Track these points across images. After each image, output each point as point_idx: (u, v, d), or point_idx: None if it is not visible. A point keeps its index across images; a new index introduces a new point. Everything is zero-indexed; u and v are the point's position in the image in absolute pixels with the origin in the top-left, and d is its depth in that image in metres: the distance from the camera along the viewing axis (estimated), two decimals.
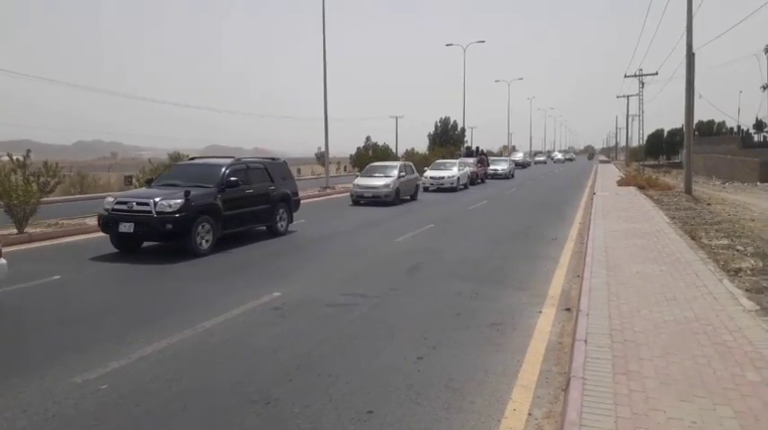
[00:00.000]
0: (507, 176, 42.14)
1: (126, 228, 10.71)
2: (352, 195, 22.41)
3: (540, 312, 7.02)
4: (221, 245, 11.85)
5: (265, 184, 13.40)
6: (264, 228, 13.56)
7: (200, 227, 10.96)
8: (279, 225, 13.70)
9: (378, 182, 22.11)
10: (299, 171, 53.74)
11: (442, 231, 14.41)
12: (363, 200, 21.82)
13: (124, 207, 10.90)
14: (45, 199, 14.29)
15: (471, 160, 36.77)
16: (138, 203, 10.82)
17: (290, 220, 14.24)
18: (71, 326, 6.51)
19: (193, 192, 11.09)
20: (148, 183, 13.02)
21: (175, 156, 18.73)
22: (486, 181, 37.75)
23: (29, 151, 14.49)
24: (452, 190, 28.89)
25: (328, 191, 28.52)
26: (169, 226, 10.52)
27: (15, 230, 13.14)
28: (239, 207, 12.28)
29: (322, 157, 37.18)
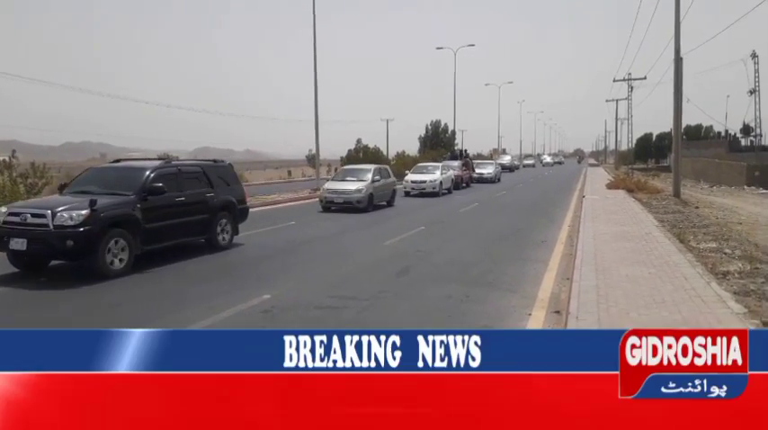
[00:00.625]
0: (493, 180, 40.40)
1: (18, 244, 8.81)
2: (321, 201, 20.49)
3: (530, 315, 7.02)
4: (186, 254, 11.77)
5: (202, 191, 11.49)
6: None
7: (110, 242, 9.10)
8: (220, 237, 11.81)
9: (350, 186, 20.25)
10: (289, 173, 53.68)
11: (431, 234, 14.41)
12: (335, 206, 19.90)
13: (17, 219, 9.03)
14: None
15: (456, 163, 34.92)
16: (32, 215, 8.98)
17: (235, 232, 12.42)
18: None
19: (104, 200, 9.32)
20: (61, 189, 11.01)
21: (164, 158, 18.56)
22: (472, 185, 35.97)
23: (14, 152, 14.38)
24: (434, 194, 27.06)
25: (319, 193, 28.37)
26: (70, 242, 8.68)
27: None
28: (166, 218, 10.44)
29: (313, 159, 37.08)
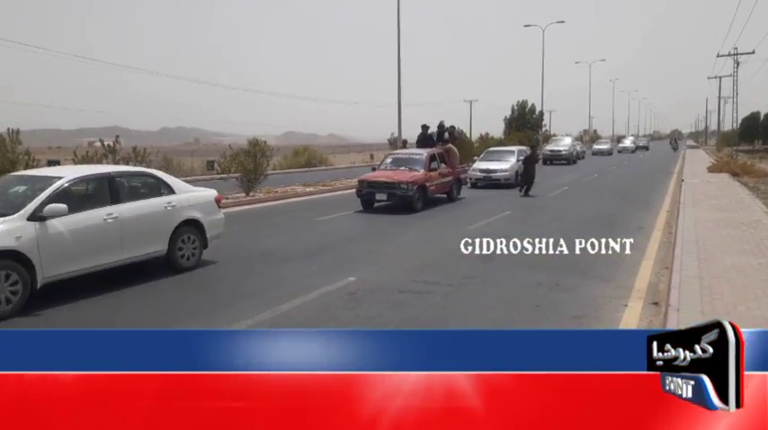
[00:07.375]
0: (510, 183, 21.70)
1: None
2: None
3: (626, 306, 6.66)
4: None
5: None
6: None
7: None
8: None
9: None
10: (371, 157, 54.08)
11: (518, 219, 14.02)
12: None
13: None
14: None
15: (422, 154, 16.63)
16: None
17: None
18: (151, 307, 6.77)
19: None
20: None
21: (254, 142, 19.14)
22: (461, 196, 18.12)
23: (118, 137, 15.28)
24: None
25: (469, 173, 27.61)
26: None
27: None
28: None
29: (394, 143, 37.07)
